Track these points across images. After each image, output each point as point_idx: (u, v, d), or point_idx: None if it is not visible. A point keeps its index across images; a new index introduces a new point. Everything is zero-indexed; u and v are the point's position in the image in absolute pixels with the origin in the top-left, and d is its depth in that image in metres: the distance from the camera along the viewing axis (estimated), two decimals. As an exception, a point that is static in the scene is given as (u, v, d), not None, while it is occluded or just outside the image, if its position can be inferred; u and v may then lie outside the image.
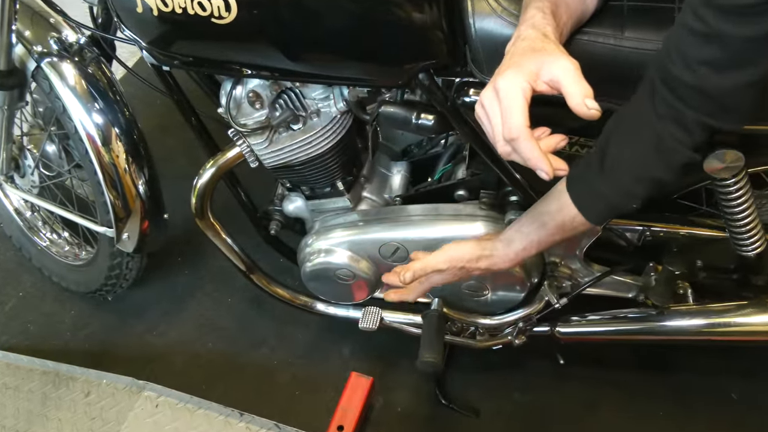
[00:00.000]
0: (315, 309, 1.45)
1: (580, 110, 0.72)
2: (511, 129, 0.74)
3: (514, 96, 0.74)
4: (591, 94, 0.71)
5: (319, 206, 1.29)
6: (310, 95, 1.10)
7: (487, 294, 1.25)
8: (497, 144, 0.78)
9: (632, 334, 1.26)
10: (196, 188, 1.21)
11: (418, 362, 1.18)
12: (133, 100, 2.05)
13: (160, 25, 0.98)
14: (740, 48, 0.68)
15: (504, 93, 0.75)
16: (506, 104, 0.75)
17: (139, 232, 1.38)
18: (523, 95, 0.74)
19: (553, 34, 0.80)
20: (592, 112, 0.71)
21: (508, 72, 0.76)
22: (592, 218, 0.89)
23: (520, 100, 0.74)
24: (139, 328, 1.69)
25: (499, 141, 0.77)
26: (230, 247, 1.31)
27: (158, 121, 2.15)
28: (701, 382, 1.50)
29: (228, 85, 1.08)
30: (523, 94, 0.74)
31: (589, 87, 0.72)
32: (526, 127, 0.74)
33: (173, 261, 1.82)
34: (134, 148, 1.33)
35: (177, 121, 1.25)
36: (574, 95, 0.72)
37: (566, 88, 0.73)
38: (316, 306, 1.44)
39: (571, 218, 0.91)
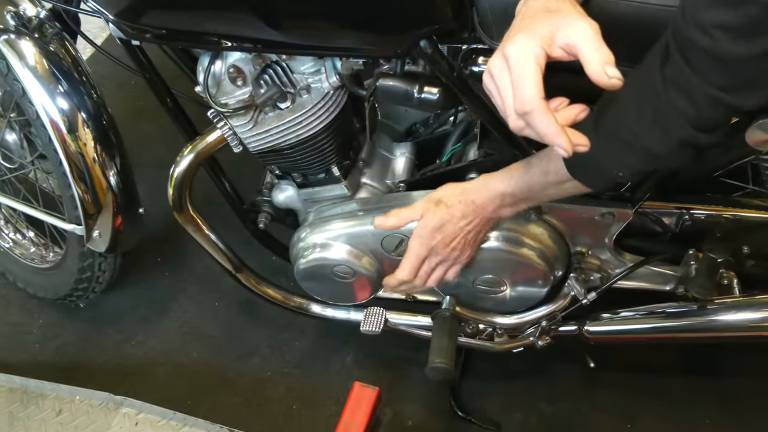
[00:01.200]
0: (311, 311, 1.46)
1: (599, 79, 0.72)
2: (523, 101, 0.74)
3: (526, 63, 0.74)
4: (612, 61, 0.72)
5: (312, 195, 1.30)
6: (299, 69, 1.11)
7: (505, 290, 1.25)
8: (509, 118, 0.78)
9: (671, 332, 1.26)
10: (173, 178, 1.22)
11: (428, 368, 1.19)
12: (103, 81, 2.09)
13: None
14: (760, 13, 0.68)
15: (515, 60, 0.75)
16: (517, 73, 0.75)
17: (112, 229, 1.39)
18: (536, 62, 0.74)
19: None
20: (613, 81, 0.71)
21: (518, 36, 0.76)
22: (577, 176, 0.94)
23: (532, 67, 0.74)
24: (116, 337, 1.71)
25: (510, 115, 0.77)
26: (213, 244, 1.33)
27: (131, 105, 2.18)
28: (753, 386, 1.51)
29: (206, 59, 1.09)
30: (536, 60, 0.74)
31: (609, 53, 0.72)
32: (540, 98, 0.74)
33: (152, 261, 1.84)
34: (104, 134, 1.34)
35: (153, 104, 1.27)
36: (592, 62, 0.72)
37: (584, 54, 0.73)
38: (312, 308, 1.46)
39: (555, 171, 0.96)
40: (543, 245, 1.20)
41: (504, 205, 1.05)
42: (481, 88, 0.98)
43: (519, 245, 1.18)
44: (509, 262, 1.20)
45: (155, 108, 1.28)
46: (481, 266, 1.22)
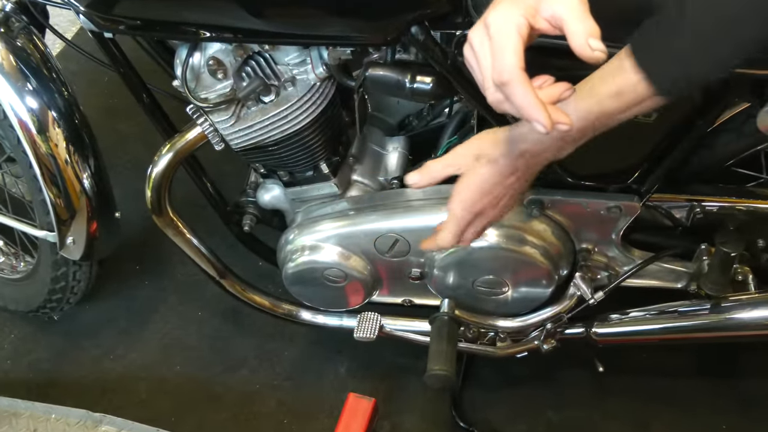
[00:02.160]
0: (300, 318, 1.46)
1: (582, 52, 0.71)
2: (501, 70, 0.74)
3: (508, 32, 0.74)
4: (597, 34, 0.71)
5: (300, 194, 1.30)
6: (283, 60, 1.11)
7: (507, 291, 1.26)
8: (487, 91, 0.78)
9: (684, 333, 1.27)
10: (151, 178, 1.22)
11: (427, 376, 1.19)
12: (74, 78, 2.09)
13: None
14: None
15: (495, 29, 0.75)
16: (497, 41, 0.74)
17: (87, 235, 1.39)
18: (518, 32, 0.74)
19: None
20: (595, 54, 0.70)
21: (502, 5, 0.76)
22: (659, 83, 0.81)
23: (514, 37, 0.74)
24: (93, 351, 1.70)
25: (488, 87, 0.77)
26: (196, 248, 1.33)
27: (105, 103, 2.18)
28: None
29: (183, 51, 1.09)
30: (517, 30, 0.74)
31: (595, 25, 0.72)
32: (519, 68, 0.73)
33: (130, 270, 1.84)
34: (76, 134, 1.34)
35: (127, 101, 1.27)
36: (576, 34, 0.72)
37: (568, 25, 0.73)
38: (302, 315, 1.46)
39: (632, 86, 0.82)
40: (546, 242, 1.20)
41: (566, 143, 0.93)
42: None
43: (521, 243, 1.19)
44: (511, 261, 1.21)
45: (130, 105, 1.28)
46: (481, 266, 1.23)
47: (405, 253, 1.25)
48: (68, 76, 1.39)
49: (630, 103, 0.84)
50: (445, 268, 1.24)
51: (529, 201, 1.16)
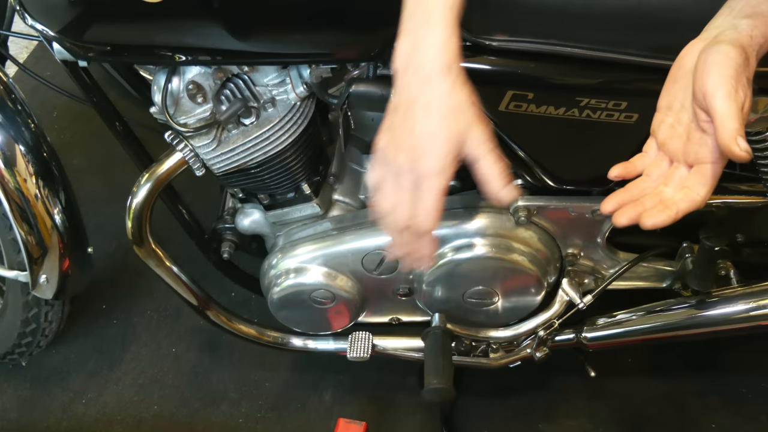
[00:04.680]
0: (290, 345, 1.49)
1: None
2: (419, 226, 0.90)
3: (439, 188, 0.88)
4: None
5: (281, 217, 1.34)
6: (262, 81, 1.15)
7: (497, 301, 1.31)
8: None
9: (671, 330, 1.34)
10: (132, 209, 1.23)
11: (425, 391, 1.23)
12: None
13: (76, 8, 1.02)
14: None
15: (428, 185, 0.87)
16: (426, 198, 0.87)
17: (59, 272, 1.40)
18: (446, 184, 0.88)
19: None
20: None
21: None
22: None
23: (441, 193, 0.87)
24: (63, 397, 1.70)
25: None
26: (178, 279, 1.35)
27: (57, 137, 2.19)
28: (763, 386, 1.61)
29: (161, 77, 1.12)
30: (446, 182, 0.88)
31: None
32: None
33: (95, 308, 1.85)
34: (45, 168, 1.35)
35: (81, 135, 1.29)
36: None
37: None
38: (291, 341, 1.48)
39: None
40: (533, 249, 1.26)
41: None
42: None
43: (508, 251, 1.24)
44: (499, 270, 1.26)
45: (83, 139, 1.31)
46: (470, 277, 1.28)
47: (393, 269, 1.29)
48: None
49: None
50: (433, 282, 1.29)
51: (515, 208, 1.21)
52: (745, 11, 0.84)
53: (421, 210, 0.87)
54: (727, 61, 0.78)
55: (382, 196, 0.89)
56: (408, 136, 0.84)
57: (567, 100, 1.08)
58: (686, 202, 0.83)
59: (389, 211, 0.89)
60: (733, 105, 0.76)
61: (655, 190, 0.86)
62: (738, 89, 0.76)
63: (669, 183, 0.85)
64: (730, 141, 0.75)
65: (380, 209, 0.90)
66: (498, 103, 1.07)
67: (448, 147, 0.84)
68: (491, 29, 1.01)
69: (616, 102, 1.05)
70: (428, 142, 0.84)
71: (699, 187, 0.83)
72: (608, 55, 1.02)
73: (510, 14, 1.01)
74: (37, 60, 2.42)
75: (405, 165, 0.85)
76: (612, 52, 1.02)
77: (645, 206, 0.85)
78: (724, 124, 0.75)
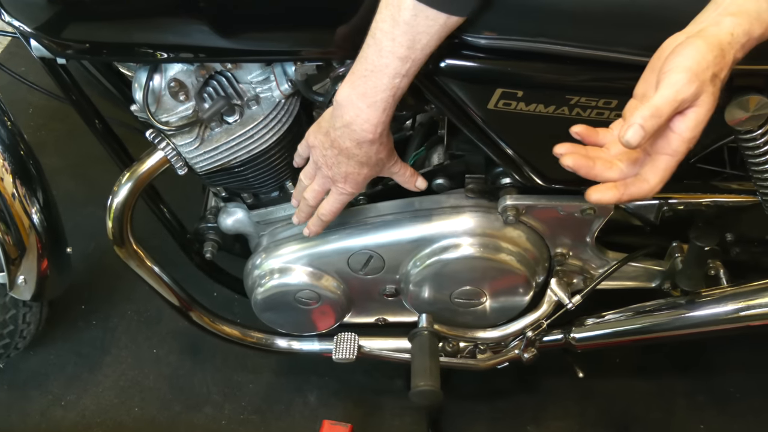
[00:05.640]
0: (274, 347, 1.48)
1: None
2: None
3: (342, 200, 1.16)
4: None
5: (265, 216, 1.34)
6: (245, 79, 1.14)
7: (485, 301, 1.31)
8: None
9: (661, 331, 1.35)
10: (112, 209, 1.23)
11: (413, 393, 1.23)
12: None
13: (54, 4, 1.02)
14: None
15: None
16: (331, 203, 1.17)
17: (37, 273, 1.39)
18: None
19: None
20: None
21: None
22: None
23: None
24: (42, 400, 1.69)
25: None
26: (160, 280, 1.34)
27: (31, 136, 2.12)
28: (748, 384, 1.63)
29: (143, 75, 1.11)
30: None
31: None
32: None
33: (74, 310, 1.83)
34: (22, 167, 1.35)
35: (56, 134, 1.28)
36: None
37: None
38: (276, 342, 1.48)
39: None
40: (522, 249, 1.26)
41: None
42: (450, 84, 1.06)
43: (496, 251, 1.25)
44: (487, 270, 1.26)
45: (58, 138, 1.31)
46: (458, 278, 1.28)
47: (380, 269, 1.29)
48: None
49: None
50: (420, 282, 1.29)
51: (504, 207, 1.21)
52: (730, 9, 0.84)
53: (326, 207, 1.15)
54: (692, 53, 0.79)
55: (306, 176, 1.15)
56: (333, 164, 1.07)
57: (557, 98, 1.08)
58: (635, 187, 0.85)
59: (305, 188, 1.15)
60: (667, 94, 0.78)
61: (609, 159, 0.87)
62: (692, 81, 0.78)
63: (623, 160, 0.87)
64: (626, 127, 0.78)
65: (300, 181, 1.17)
66: (487, 101, 1.07)
67: (363, 183, 1.11)
68: (480, 27, 1.01)
69: (607, 100, 1.05)
70: (347, 178, 1.09)
71: (650, 175, 0.84)
72: (598, 54, 1.02)
73: (499, 12, 1.00)
74: (11, 56, 2.39)
75: (328, 177, 1.10)
76: (602, 50, 1.02)
77: (595, 166, 0.86)
78: (638, 109, 0.78)
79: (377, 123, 1.00)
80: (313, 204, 1.16)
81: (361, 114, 0.99)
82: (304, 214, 1.19)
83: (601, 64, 1.02)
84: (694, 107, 0.82)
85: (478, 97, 1.07)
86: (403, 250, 1.27)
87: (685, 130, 0.82)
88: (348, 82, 0.99)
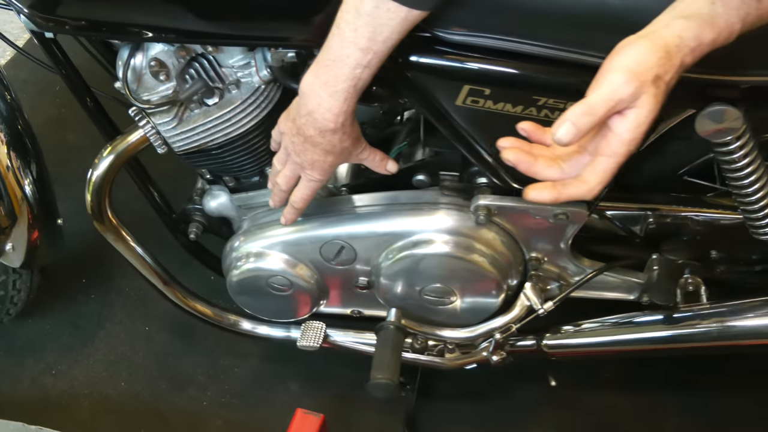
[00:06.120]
0: (239, 328, 1.51)
1: None
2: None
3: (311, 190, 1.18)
4: None
5: (246, 201, 1.36)
6: (227, 63, 1.17)
7: (455, 301, 1.31)
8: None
9: (633, 344, 1.33)
10: (92, 182, 1.26)
11: (369, 384, 1.24)
12: (24, 86, 2.16)
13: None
14: None
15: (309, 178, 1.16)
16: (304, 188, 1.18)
17: (27, 242, 1.44)
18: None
19: None
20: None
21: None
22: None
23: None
24: (34, 368, 1.74)
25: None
26: (137, 255, 1.38)
27: (56, 112, 2.23)
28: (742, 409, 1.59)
29: (125, 52, 1.15)
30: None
31: None
32: None
33: (76, 283, 1.89)
34: (19, 140, 1.39)
35: (80, 111, 1.32)
36: None
37: None
38: (241, 324, 1.51)
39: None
40: (494, 251, 1.26)
41: None
42: (422, 79, 1.07)
43: (468, 251, 1.24)
44: (458, 269, 1.26)
45: (81, 116, 1.33)
46: (428, 274, 1.28)
47: (351, 260, 1.30)
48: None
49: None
50: (392, 276, 1.30)
51: (476, 207, 1.21)
52: (684, 12, 0.84)
53: (297, 195, 1.18)
54: (634, 53, 0.79)
55: (278, 161, 1.18)
56: (300, 151, 1.10)
57: (524, 98, 1.08)
58: (574, 187, 0.85)
59: (278, 173, 1.18)
60: (602, 92, 0.78)
61: (553, 158, 0.89)
62: (630, 81, 0.78)
63: (567, 160, 0.87)
64: (558, 124, 0.79)
65: (274, 166, 1.19)
66: (455, 97, 1.08)
67: (330, 171, 1.13)
68: (451, 23, 1.01)
69: (574, 103, 1.04)
70: (314, 165, 1.11)
71: (590, 176, 0.84)
72: (567, 55, 1.02)
73: (470, 8, 1.01)
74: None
75: (297, 163, 1.12)
76: (571, 52, 1.01)
77: (536, 163, 0.88)
78: (573, 107, 0.79)
79: (338, 113, 1.01)
80: (285, 189, 1.19)
81: (323, 103, 1.00)
82: (278, 199, 1.22)
83: (569, 66, 1.02)
84: (634, 108, 0.81)
85: (446, 93, 1.08)
86: (374, 243, 1.28)
87: (624, 131, 0.82)
88: (312, 70, 1.00)
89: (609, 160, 0.84)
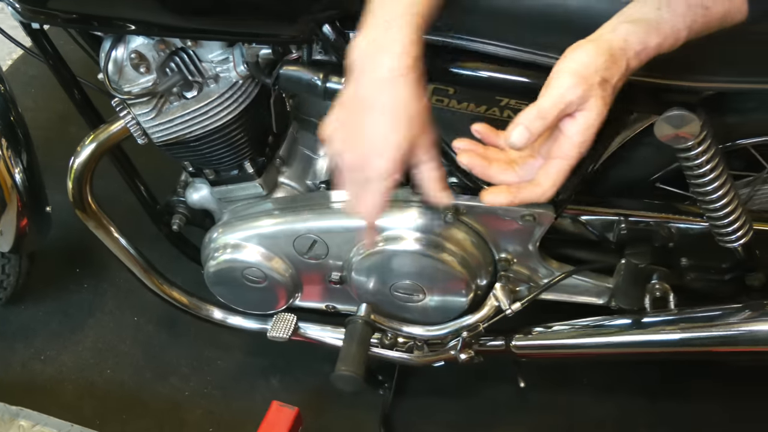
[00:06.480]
0: (211, 317, 1.55)
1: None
2: None
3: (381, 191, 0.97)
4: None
5: (226, 194, 1.39)
6: (207, 57, 1.20)
7: (423, 298, 1.34)
8: None
9: (602, 348, 1.34)
10: (73, 170, 1.30)
11: (334, 376, 1.26)
12: (32, 80, 2.21)
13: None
14: None
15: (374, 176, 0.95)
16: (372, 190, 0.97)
17: (16, 228, 1.48)
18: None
19: None
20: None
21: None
22: None
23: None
24: (24, 353, 1.79)
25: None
26: (117, 243, 1.41)
27: (62, 107, 2.27)
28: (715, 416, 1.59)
29: (107, 44, 1.19)
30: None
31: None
32: None
33: (69, 272, 1.94)
34: (9, 129, 1.44)
35: None
36: None
37: None
38: (212, 314, 1.55)
39: None
40: (464, 250, 1.28)
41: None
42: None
43: (437, 249, 1.26)
44: (427, 267, 1.28)
45: None
46: (399, 271, 1.31)
47: (323, 255, 1.33)
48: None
49: None
50: (363, 272, 1.32)
51: (444, 206, 1.24)
52: (631, 17, 0.86)
53: (367, 205, 0.96)
54: (581, 57, 0.82)
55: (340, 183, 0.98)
56: (359, 137, 0.90)
57: (486, 98, 1.10)
58: (528, 191, 0.88)
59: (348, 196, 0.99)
60: (552, 95, 0.81)
61: (507, 162, 0.91)
62: (578, 84, 0.80)
63: (520, 164, 0.90)
64: (511, 128, 0.82)
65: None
66: (421, 96, 1.10)
67: (399, 152, 0.89)
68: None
69: (533, 105, 1.07)
70: (379, 146, 0.89)
71: (543, 179, 0.87)
72: (529, 57, 1.04)
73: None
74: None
75: (355, 164, 0.92)
76: (533, 53, 1.04)
77: (490, 167, 0.90)
78: (524, 111, 0.82)
79: (402, 50, 0.85)
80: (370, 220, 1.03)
81: (381, 44, 0.86)
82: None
83: (531, 67, 1.04)
84: (583, 111, 0.84)
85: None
86: (346, 238, 1.30)
87: (575, 133, 0.85)
88: (359, 37, 0.89)
89: (561, 162, 0.86)
